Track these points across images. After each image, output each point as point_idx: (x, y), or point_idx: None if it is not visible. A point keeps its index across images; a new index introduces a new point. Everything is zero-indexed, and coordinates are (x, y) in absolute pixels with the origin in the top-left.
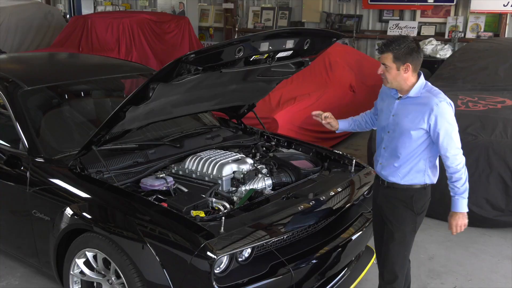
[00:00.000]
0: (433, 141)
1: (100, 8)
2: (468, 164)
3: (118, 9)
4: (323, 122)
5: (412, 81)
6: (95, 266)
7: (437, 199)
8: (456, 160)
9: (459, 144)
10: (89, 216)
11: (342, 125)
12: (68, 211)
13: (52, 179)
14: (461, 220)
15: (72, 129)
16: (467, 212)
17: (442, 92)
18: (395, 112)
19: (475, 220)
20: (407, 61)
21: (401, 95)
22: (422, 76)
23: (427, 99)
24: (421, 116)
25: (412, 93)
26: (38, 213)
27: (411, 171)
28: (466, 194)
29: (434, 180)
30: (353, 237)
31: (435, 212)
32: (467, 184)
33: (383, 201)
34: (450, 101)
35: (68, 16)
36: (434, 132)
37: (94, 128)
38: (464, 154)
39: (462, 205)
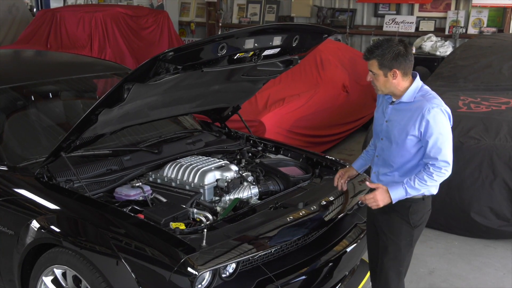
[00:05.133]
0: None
1: (70, 1)
2: (470, 170)
3: (90, 2)
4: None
5: (405, 86)
6: (64, 284)
7: (437, 209)
8: (439, 171)
9: (449, 157)
10: (57, 230)
11: (358, 164)
12: (34, 224)
13: (16, 189)
14: (381, 198)
15: (39, 134)
16: (472, 223)
17: (438, 97)
18: (388, 118)
19: (478, 230)
20: (393, 67)
21: (394, 100)
22: (417, 79)
23: (420, 104)
24: (413, 123)
25: (405, 98)
26: (0, 227)
27: None
28: (410, 192)
29: (435, 191)
30: (347, 250)
31: (436, 222)
32: (422, 191)
33: (378, 211)
34: (445, 107)
35: (34, 9)
36: (424, 139)
37: (63, 133)
38: (466, 159)
39: (398, 192)
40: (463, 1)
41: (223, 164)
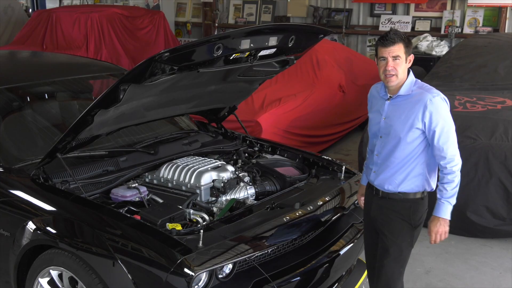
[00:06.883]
0: (429, 142)
1: (66, 2)
2: (466, 170)
3: (86, 3)
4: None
5: (406, 76)
6: (60, 285)
7: (433, 208)
8: (453, 161)
9: (456, 144)
10: (53, 231)
11: (365, 180)
12: (30, 226)
13: (12, 190)
14: (442, 227)
15: (34, 135)
16: (469, 222)
17: (434, 88)
18: (386, 115)
19: (474, 230)
20: (411, 52)
21: (391, 95)
22: (411, 73)
23: (420, 96)
24: (415, 115)
25: (402, 91)
26: None
27: (408, 177)
28: (453, 200)
29: (434, 186)
30: (344, 250)
31: None
32: (457, 189)
33: (377, 213)
34: (444, 96)
35: (30, 10)
36: (430, 130)
37: (59, 134)
38: (462, 158)
39: (446, 210)
40: (458, 1)
41: (220, 165)
